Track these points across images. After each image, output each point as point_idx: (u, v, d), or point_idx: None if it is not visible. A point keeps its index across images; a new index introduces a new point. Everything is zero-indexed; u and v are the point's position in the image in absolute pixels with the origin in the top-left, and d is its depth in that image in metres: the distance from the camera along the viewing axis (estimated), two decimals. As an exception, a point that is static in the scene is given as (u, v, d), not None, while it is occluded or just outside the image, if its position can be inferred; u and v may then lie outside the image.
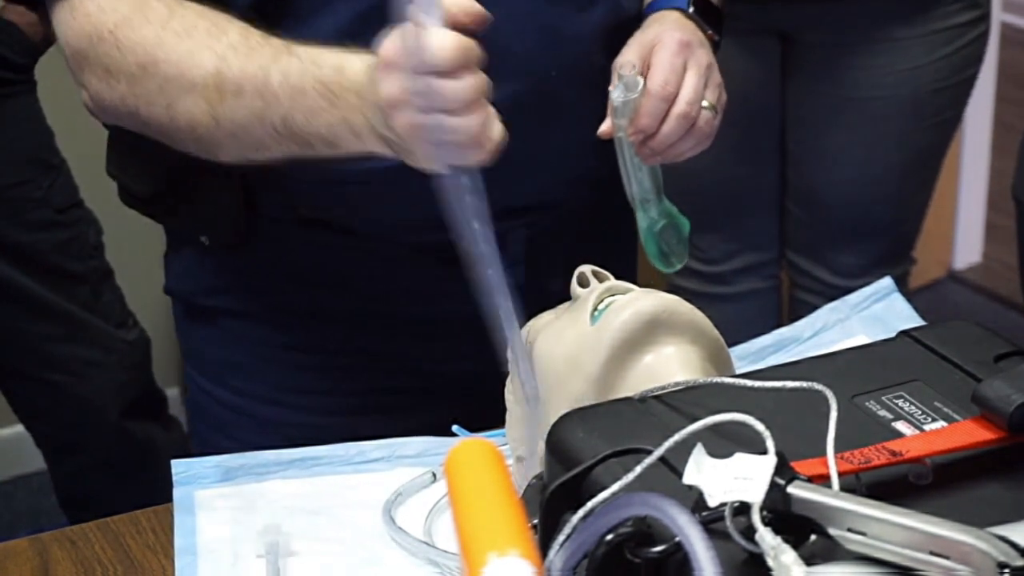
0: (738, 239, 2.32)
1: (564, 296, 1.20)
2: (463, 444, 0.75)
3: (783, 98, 2.20)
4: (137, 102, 1.21)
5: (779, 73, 2.18)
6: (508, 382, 1.20)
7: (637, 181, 1.30)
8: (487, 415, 1.24)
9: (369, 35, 1.21)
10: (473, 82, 1.04)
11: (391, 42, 1.05)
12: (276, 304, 1.38)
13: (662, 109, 1.27)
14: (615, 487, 0.89)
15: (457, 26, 1.04)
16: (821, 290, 2.29)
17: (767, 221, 2.32)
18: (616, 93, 1.27)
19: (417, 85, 1.03)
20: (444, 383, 1.38)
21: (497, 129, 1.07)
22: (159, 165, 1.34)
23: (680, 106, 1.27)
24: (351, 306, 1.36)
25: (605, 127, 1.29)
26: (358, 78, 1.11)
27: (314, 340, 1.38)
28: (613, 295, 1.14)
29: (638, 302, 1.11)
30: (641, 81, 1.27)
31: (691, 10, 1.37)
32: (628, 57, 1.30)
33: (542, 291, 1.27)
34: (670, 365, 1.09)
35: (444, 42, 1.03)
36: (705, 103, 1.29)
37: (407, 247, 1.33)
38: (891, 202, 2.22)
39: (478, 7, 1.06)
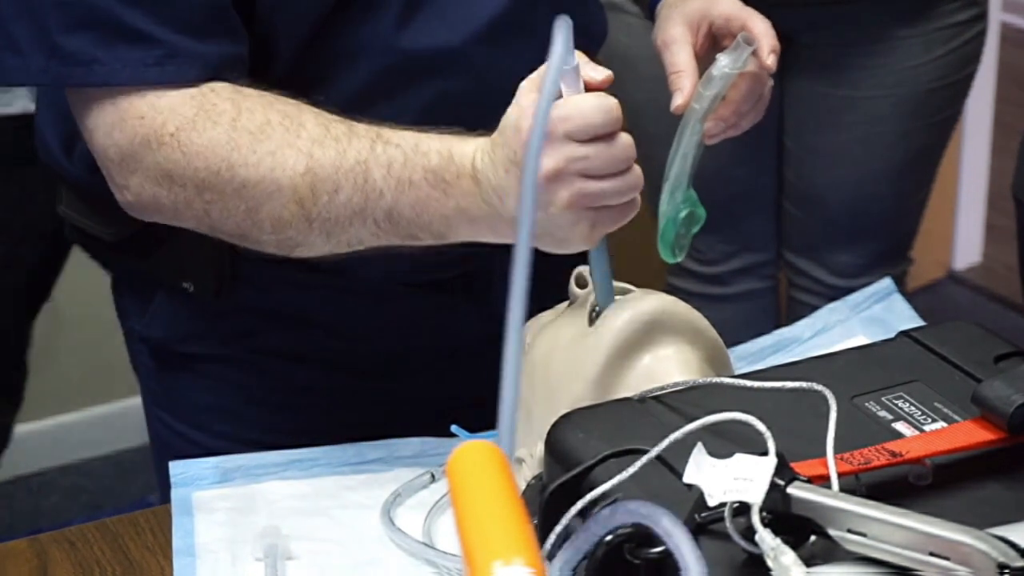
0: (736, 240, 2.31)
1: (542, 308, 1.19)
2: (466, 446, 0.75)
3: (780, 98, 2.20)
4: (208, 207, 1.14)
5: (777, 73, 2.18)
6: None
7: (681, 161, 1.23)
8: (479, 419, 1.23)
9: (391, 92, 1.20)
10: (628, 140, 1.04)
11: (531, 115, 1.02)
12: (258, 347, 1.34)
13: (765, 79, 1.25)
14: (612, 482, 0.89)
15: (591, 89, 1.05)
16: (819, 290, 2.29)
17: (764, 222, 2.32)
18: (725, 61, 1.20)
19: (583, 152, 1.03)
20: (430, 410, 1.35)
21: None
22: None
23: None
24: (336, 344, 1.34)
25: (682, 100, 1.22)
26: (470, 162, 1.08)
27: (299, 380, 1.35)
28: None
29: (637, 303, 1.11)
30: (748, 55, 1.22)
31: None
32: (676, 31, 1.26)
33: (542, 310, 1.27)
34: (668, 366, 1.08)
35: (602, 105, 1.03)
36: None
37: (397, 285, 1.32)
38: (889, 201, 2.22)
39: (608, 72, 1.06)
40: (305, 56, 1.20)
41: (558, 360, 1.12)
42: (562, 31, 0.89)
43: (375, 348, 1.34)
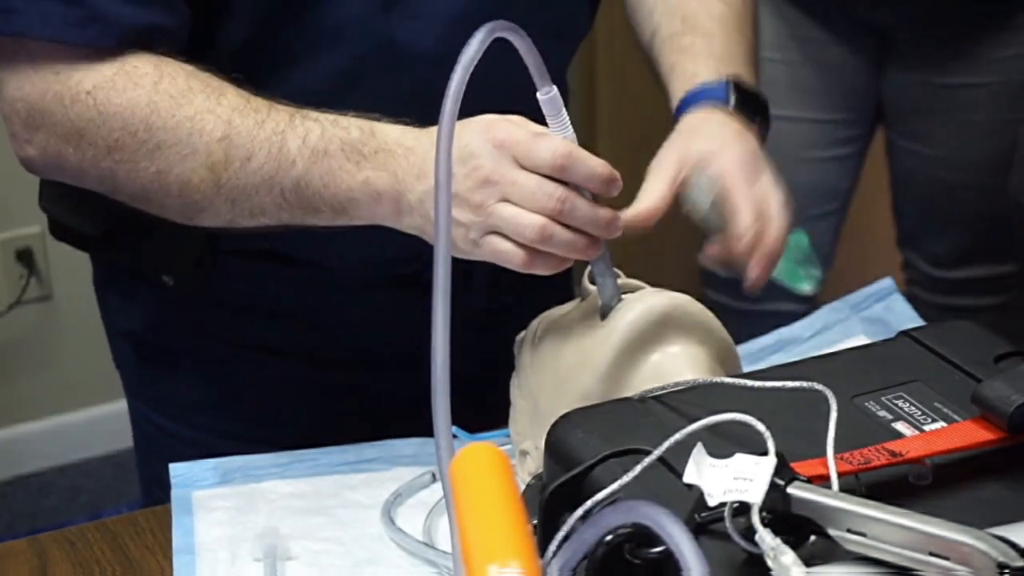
0: None
1: (522, 309, 1.19)
2: (468, 449, 0.75)
3: (879, 96, 2.22)
4: (115, 167, 1.13)
5: (876, 69, 2.19)
6: (513, 376, 1.19)
7: None
8: (477, 418, 1.23)
9: (370, 77, 1.20)
10: (564, 194, 1.07)
11: (510, 127, 1.07)
12: (238, 340, 1.35)
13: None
14: (613, 486, 0.89)
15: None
16: (920, 280, 2.31)
17: (821, 234, 2.32)
18: (701, 198, 1.18)
19: (514, 177, 1.06)
20: (407, 406, 1.34)
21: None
22: (114, 203, 1.25)
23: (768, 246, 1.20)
24: (314, 338, 1.34)
25: (630, 213, 1.17)
26: (394, 140, 1.10)
27: (278, 374, 1.35)
28: (623, 292, 1.14)
29: (648, 300, 1.11)
30: (712, 182, 1.18)
31: (732, 103, 1.26)
32: (666, 159, 1.22)
33: (502, 308, 1.27)
34: (677, 363, 1.09)
35: (553, 147, 1.06)
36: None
37: (372, 279, 1.32)
38: (983, 192, 2.21)
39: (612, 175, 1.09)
40: (284, 32, 1.20)
41: (568, 353, 1.12)
42: (482, 32, 0.94)
43: (352, 342, 1.35)
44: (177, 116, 1.12)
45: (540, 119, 1.08)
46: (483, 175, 1.07)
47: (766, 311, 2.34)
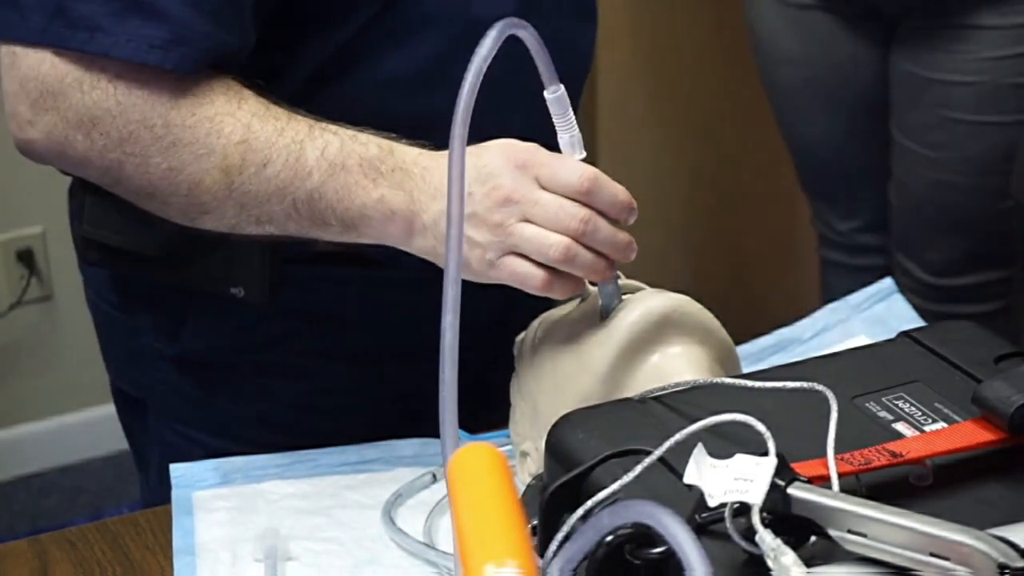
0: (853, 216, 2.37)
1: (523, 311, 1.20)
2: (466, 449, 0.75)
3: (887, 78, 2.23)
4: (124, 160, 1.12)
5: (883, 53, 2.22)
6: (513, 378, 1.20)
7: None
8: (485, 416, 1.23)
9: (458, 60, 1.20)
10: (586, 214, 1.08)
11: (530, 148, 1.08)
12: (297, 350, 1.33)
13: None
14: (614, 487, 0.89)
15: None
16: (913, 286, 2.31)
17: (879, 202, 2.35)
18: None
19: (537, 197, 1.07)
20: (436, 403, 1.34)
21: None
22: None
23: None
24: (374, 339, 1.33)
25: None
26: (412, 159, 1.11)
27: (332, 380, 1.33)
28: (623, 293, 1.14)
29: (648, 301, 1.11)
30: None
31: None
32: None
33: (520, 306, 1.27)
34: (677, 364, 1.09)
35: (579, 170, 1.07)
36: None
37: (428, 271, 1.31)
38: (969, 195, 2.22)
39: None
40: (380, 22, 1.20)
41: (567, 354, 1.12)
42: (495, 29, 0.94)
43: (401, 341, 1.33)
44: (197, 115, 1.11)
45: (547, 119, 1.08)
46: (503, 194, 1.07)
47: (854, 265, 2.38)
